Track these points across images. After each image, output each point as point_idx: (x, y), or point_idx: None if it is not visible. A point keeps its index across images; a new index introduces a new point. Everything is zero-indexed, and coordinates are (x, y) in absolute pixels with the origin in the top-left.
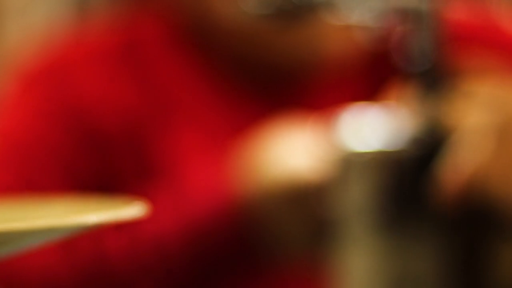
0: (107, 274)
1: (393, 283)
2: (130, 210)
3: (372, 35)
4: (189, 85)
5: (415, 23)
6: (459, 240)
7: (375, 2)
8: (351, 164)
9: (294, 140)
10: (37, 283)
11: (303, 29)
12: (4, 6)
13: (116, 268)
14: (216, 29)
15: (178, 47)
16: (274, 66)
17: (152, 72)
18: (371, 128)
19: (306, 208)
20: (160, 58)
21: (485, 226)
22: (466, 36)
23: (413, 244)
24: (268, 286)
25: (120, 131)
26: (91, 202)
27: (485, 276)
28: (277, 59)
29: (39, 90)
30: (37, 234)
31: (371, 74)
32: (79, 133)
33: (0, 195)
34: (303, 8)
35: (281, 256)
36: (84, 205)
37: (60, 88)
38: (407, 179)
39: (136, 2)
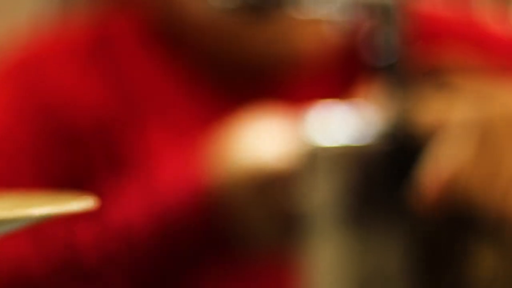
0: (75, 265)
1: (359, 277)
2: (77, 204)
3: (340, 30)
4: (160, 80)
5: (382, 17)
6: (429, 236)
7: None
8: (317, 158)
9: (263, 130)
10: (8, 274)
11: (270, 23)
12: None
13: (83, 259)
14: (184, 24)
15: (149, 43)
16: (244, 61)
17: (123, 68)
18: (339, 123)
19: (273, 196)
20: (131, 54)
21: (463, 226)
22: (444, 31)
23: (380, 239)
24: (238, 277)
25: (91, 126)
26: (39, 196)
27: (460, 276)
28: (247, 54)
29: (11, 86)
30: None
31: (341, 69)
32: (50, 129)
33: None
34: (269, 2)
35: (251, 245)
36: (31, 199)
37: (32, 84)
38: (374, 174)
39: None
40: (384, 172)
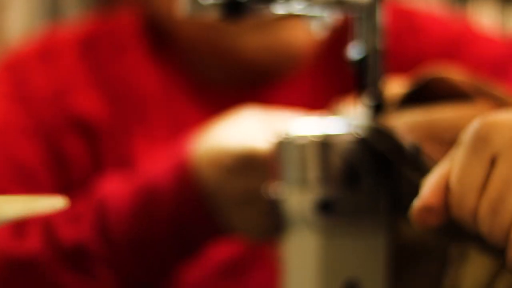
0: (53, 251)
1: (331, 265)
2: (48, 204)
3: (322, 25)
4: (152, 81)
5: (363, 13)
6: (414, 237)
7: None
8: (292, 147)
9: (247, 121)
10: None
11: (254, 19)
12: None
13: (61, 245)
14: (171, 22)
15: (142, 43)
16: (231, 60)
17: (116, 67)
18: (317, 116)
19: (249, 178)
20: (125, 53)
21: (457, 232)
22: (427, 26)
23: (353, 228)
24: (220, 258)
25: (78, 124)
26: (13, 198)
27: (449, 281)
28: (233, 52)
29: (2, 85)
30: None
31: (326, 64)
32: (38, 130)
33: None
34: None
35: (228, 227)
36: (5, 200)
37: (21, 83)
38: (348, 165)
39: (106, 8)
40: (358, 163)
